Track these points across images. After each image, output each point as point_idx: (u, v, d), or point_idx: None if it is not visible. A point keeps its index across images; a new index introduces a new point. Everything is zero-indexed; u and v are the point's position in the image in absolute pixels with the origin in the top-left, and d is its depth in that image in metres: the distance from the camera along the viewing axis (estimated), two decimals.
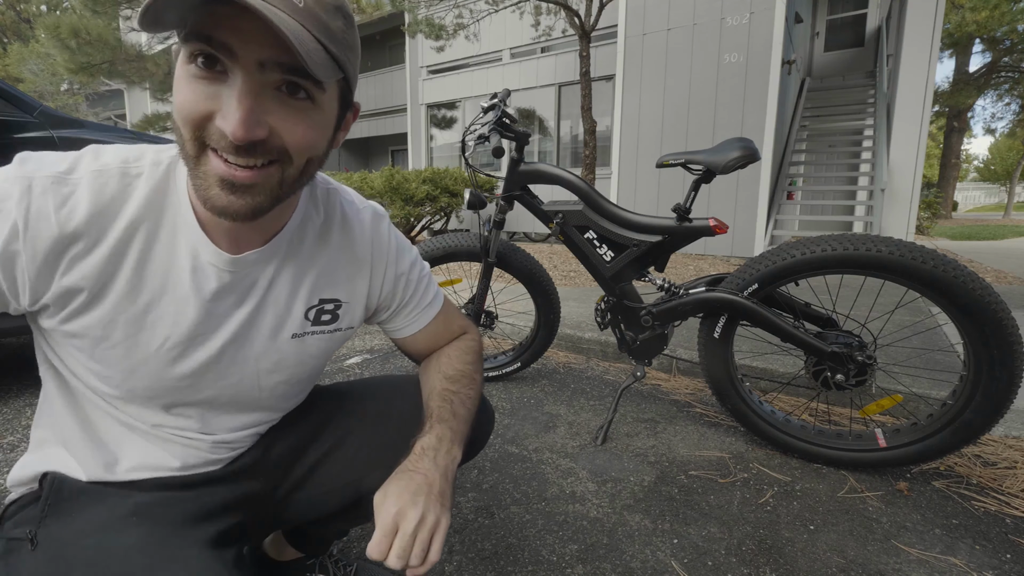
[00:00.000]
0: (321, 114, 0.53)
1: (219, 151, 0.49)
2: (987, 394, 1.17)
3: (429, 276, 0.82)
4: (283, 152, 0.51)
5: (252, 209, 0.52)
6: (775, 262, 1.32)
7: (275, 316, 0.65)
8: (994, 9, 11.92)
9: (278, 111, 0.49)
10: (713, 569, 1.00)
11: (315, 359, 0.72)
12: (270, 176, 0.51)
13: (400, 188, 5.82)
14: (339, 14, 0.51)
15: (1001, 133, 25.83)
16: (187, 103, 0.48)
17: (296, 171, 0.53)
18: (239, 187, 0.50)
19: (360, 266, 0.71)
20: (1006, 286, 3.91)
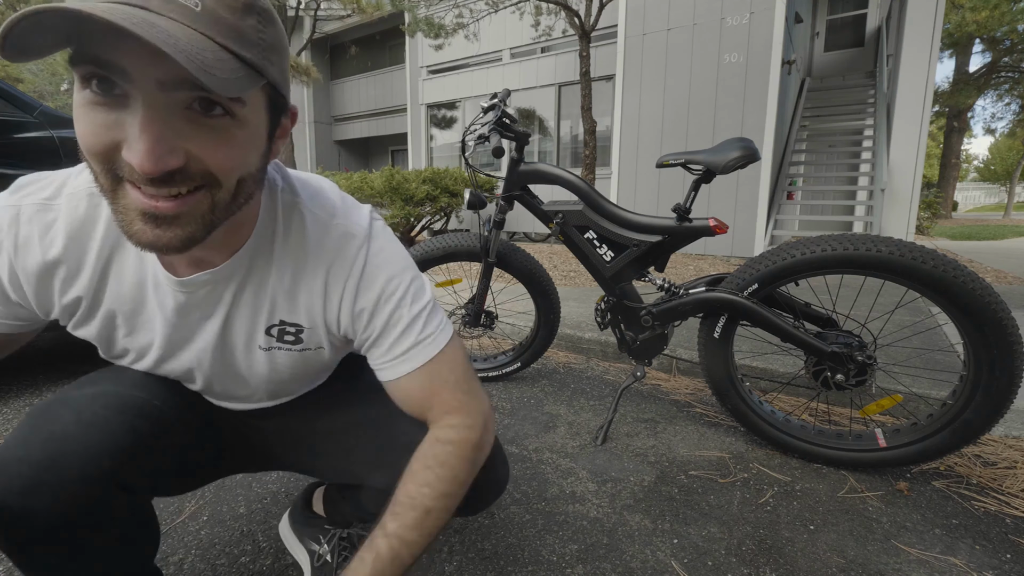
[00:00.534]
0: (245, 129, 0.46)
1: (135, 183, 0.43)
2: (987, 394, 1.17)
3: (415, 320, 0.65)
4: (208, 176, 0.45)
5: (183, 240, 0.47)
6: (775, 262, 1.32)
7: (244, 330, 0.65)
8: (994, 9, 11.91)
9: (193, 133, 0.43)
10: (713, 569, 1.00)
11: (292, 370, 0.70)
12: (198, 203, 0.46)
13: (400, 188, 5.82)
14: (251, 12, 0.44)
15: (1001, 133, 25.81)
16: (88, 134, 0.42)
17: (228, 195, 0.48)
18: (164, 219, 0.45)
19: (316, 291, 0.63)
20: (1006, 286, 3.91)
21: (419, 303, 0.66)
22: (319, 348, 0.68)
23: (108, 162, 0.43)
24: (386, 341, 0.65)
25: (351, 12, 9.03)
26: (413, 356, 0.65)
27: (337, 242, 0.63)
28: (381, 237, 0.66)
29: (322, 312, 0.65)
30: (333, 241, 0.63)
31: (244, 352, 0.67)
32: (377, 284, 0.64)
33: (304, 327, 0.66)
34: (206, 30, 0.41)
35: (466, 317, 1.96)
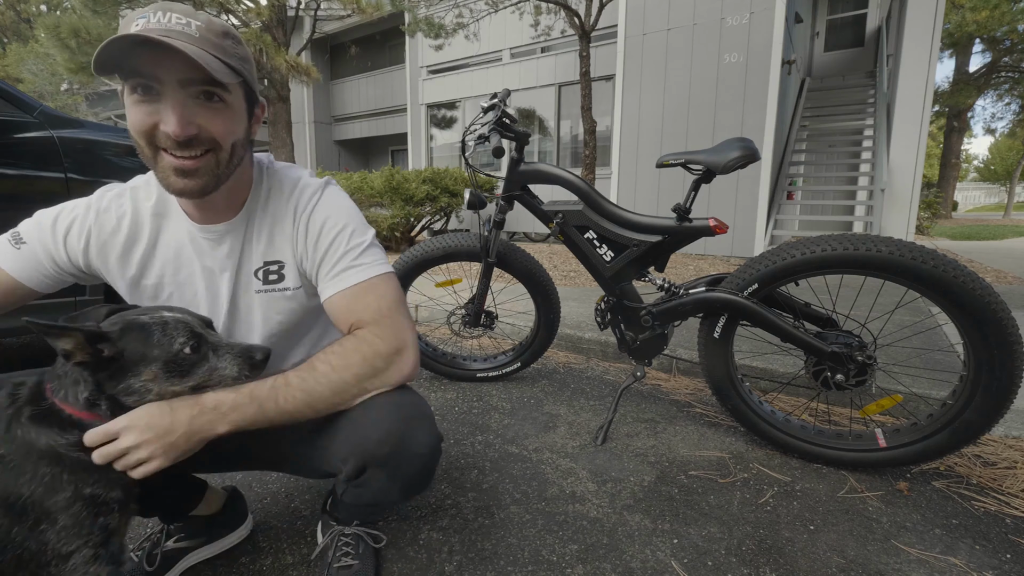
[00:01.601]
0: (231, 109, 0.74)
1: (168, 150, 0.70)
2: (987, 394, 1.17)
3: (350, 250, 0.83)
4: (213, 142, 0.72)
5: (202, 187, 0.74)
6: (775, 262, 1.32)
7: (246, 275, 0.86)
8: (994, 9, 11.90)
9: (202, 112, 0.70)
10: (713, 569, 1.00)
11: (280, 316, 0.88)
12: (208, 161, 0.73)
13: (400, 188, 5.82)
14: (227, 37, 0.72)
15: (1001, 133, 25.81)
16: (137, 121, 0.70)
17: (227, 154, 0.74)
18: (188, 172, 0.72)
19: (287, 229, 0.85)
20: (1006, 286, 3.91)
21: (356, 239, 0.84)
22: (296, 288, 0.87)
23: (150, 137, 0.70)
24: (326, 265, 0.83)
25: (351, 12, 9.02)
26: (345, 278, 0.82)
27: (300, 192, 0.86)
28: (334, 190, 0.89)
29: (292, 244, 0.85)
30: (298, 192, 0.86)
31: (244, 296, 0.87)
32: (321, 216, 0.84)
33: (283, 262, 0.86)
34: (203, 46, 0.67)
35: (466, 317, 1.96)
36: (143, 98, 0.68)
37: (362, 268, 0.82)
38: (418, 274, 1.92)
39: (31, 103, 1.70)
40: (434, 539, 1.08)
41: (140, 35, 0.63)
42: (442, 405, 1.81)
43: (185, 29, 0.67)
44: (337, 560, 0.94)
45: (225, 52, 0.70)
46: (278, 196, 0.86)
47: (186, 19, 0.68)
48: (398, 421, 0.79)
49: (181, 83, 0.68)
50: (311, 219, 0.84)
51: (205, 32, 0.69)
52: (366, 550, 0.97)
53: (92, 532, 0.64)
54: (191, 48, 0.64)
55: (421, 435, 0.81)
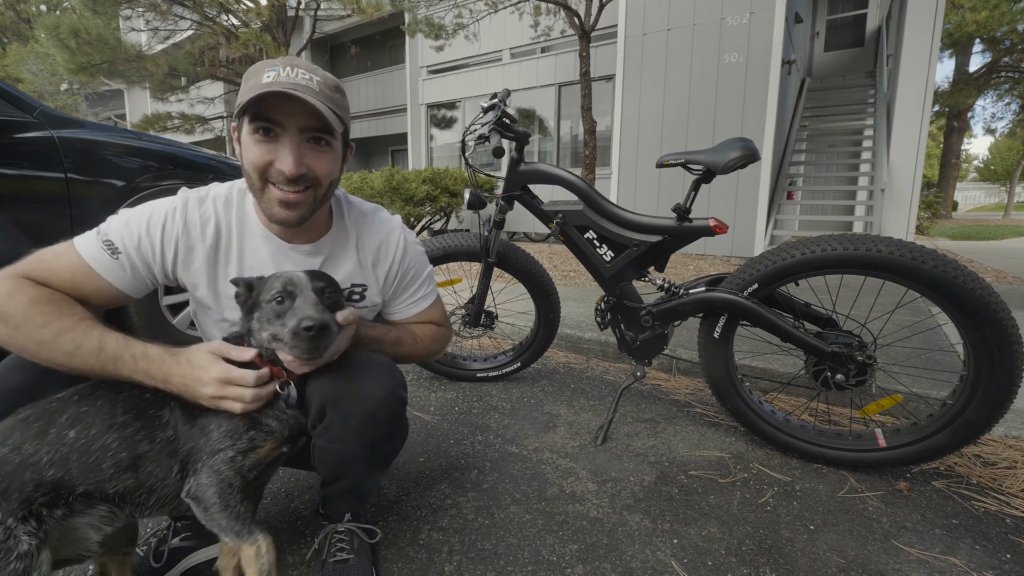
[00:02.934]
0: (334, 153, 0.87)
1: (276, 184, 0.82)
2: (987, 394, 1.17)
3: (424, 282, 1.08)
4: (315, 180, 0.84)
5: (300, 217, 0.85)
6: (775, 262, 1.32)
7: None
8: (994, 9, 11.90)
9: (311, 155, 0.83)
10: (713, 569, 1.00)
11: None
12: (308, 196, 0.84)
13: (400, 188, 5.82)
14: (338, 91, 0.85)
15: (1001, 133, 25.81)
16: (256, 157, 0.81)
17: (324, 190, 0.87)
18: (292, 204, 0.83)
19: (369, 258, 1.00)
20: (1006, 286, 3.91)
21: (425, 272, 1.09)
22: (374, 306, 1.04)
23: (263, 172, 0.82)
24: (407, 292, 1.07)
25: (351, 12, 9.03)
26: (422, 302, 1.09)
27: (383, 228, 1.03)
28: (409, 232, 1.07)
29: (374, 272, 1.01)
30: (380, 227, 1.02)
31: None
32: (409, 257, 1.05)
33: (365, 285, 1.01)
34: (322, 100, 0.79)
35: (466, 317, 1.96)
36: (264, 139, 0.80)
37: (430, 294, 1.10)
38: None
39: (31, 103, 1.70)
40: (434, 539, 1.08)
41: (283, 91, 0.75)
42: (442, 405, 1.81)
43: (309, 84, 0.79)
44: (332, 556, 0.94)
45: (337, 104, 0.82)
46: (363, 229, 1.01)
47: (309, 75, 0.80)
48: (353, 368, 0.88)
49: (300, 129, 0.80)
50: (402, 261, 1.03)
51: (323, 87, 0.81)
52: (361, 545, 0.97)
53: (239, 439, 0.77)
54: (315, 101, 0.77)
55: (373, 381, 0.88)
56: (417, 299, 1.08)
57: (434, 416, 1.71)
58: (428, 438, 1.55)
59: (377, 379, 0.89)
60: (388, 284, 1.03)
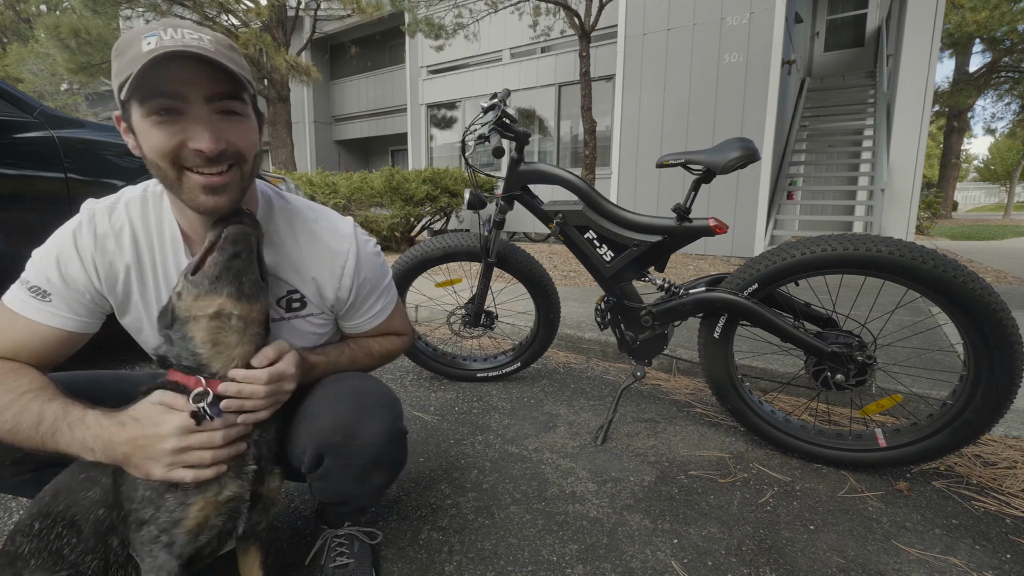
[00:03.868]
0: (249, 121, 0.73)
1: (194, 168, 0.68)
2: (987, 394, 1.17)
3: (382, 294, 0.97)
4: (239, 155, 0.71)
5: (231, 202, 0.72)
6: (775, 262, 1.32)
7: None
8: (994, 9, 11.89)
9: (228, 128, 0.69)
10: (713, 569, 1.00)
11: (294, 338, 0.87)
12: (234, 176, 0.71)
13: (400, 188, 5.81)
14: (233, 50, 0.71)
15: (1001, 133, 25.78)
16: (160, 143, 0.66)
17: (249, 166, 0.73)
18: (218, 188, 0.69)
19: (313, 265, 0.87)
20: (1006, 286, 3.91)
21: (384, 280, 0.97)
22: (320, 314, 0.90)
23: (175, 157, 0.67)
24: (364, 306, 0.95)
25: (351, 12, 9.03)
26: (379, 316, 0.98)
27: (330, 238, 0.88)
28: (361, 234, 0.93)
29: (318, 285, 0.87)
30: (326, 237, 0.88)
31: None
32: (364, 271, 0.91)
33: (304, 293, 0.87)
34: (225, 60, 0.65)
35: (466, 317, 1.96)
36: (165, 119, 0.65)
37: (389, 304, 1.00)
38: (418, 274, 1.92)
39: (31, 103, 1.70)
40: (434, 539, 1.08)
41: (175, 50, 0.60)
42: (442, 405, 1.81)
43: (200, 43, 0.64)
44: (332, 560, 0.94)
45: (239, 65, 0.69)
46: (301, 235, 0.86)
47: (197, 34, 0.66)
48: (352, 410, 0.82)
49: (207, 99, 0.66)
50: (355, 277, 0.89)
51: (217, 46, 0.66)
52: (362, 548, 0.97)
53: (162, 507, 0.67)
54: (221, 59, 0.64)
55: (374, 424, 0.82)
56: (376, 312, 0.97)
57: (434, 416, 1.71)
58: (428, 438, 1.55)
59: (378, 419, 0.82)
60: (341, 302, 0.91)
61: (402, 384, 2.02)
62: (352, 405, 0.82)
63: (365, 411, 0.82)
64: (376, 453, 0.82)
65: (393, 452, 0.86)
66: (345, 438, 0.80)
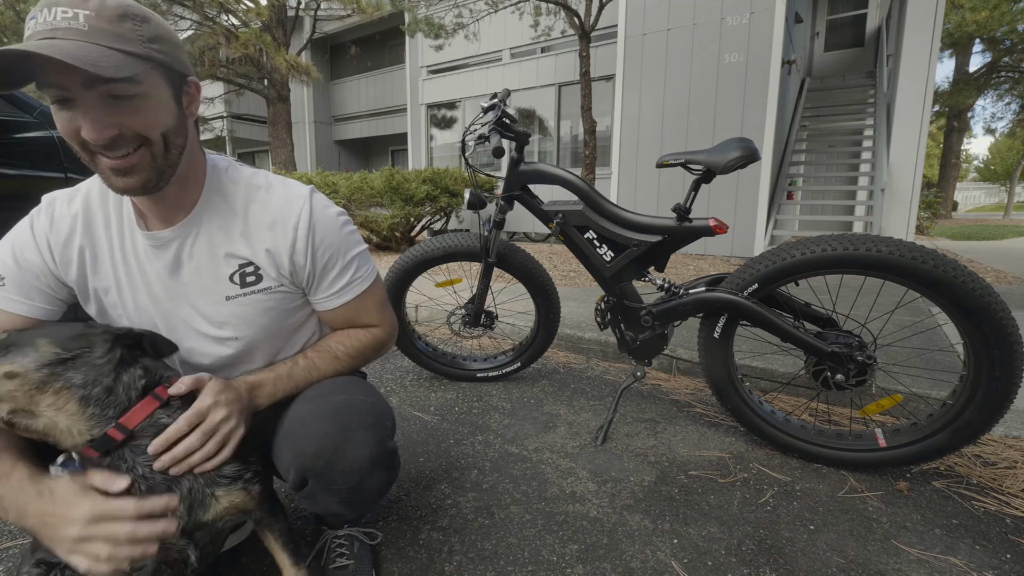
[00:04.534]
0: (150, 100, 0.67)
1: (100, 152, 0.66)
2: (987, 394, 1.17)
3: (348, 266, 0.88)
4: (140, 137, 0.67)
5: (143, 184, 0.70)
6: (775, 262, 1.32)
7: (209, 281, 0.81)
8: (994, 9, 11.89)
9: (116, 112, 0.64)
10: (713, 569, 1.00)
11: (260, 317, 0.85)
12: (142, 157, 0.68)
13: (400, 188, 5.81)
14: (126, 19, 0.64)
15: (1001, 133, 25.78)
16: (63, 129, 0.66)
17: (161, 147, 0.70)
18: (125, 171, 0.68)
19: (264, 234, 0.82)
20: (1006, 286, 3.91)
21: (352, 251, 0.88)
22: (278, 287, 0.84)
23: (80, 142, 0.66)
24: (326, 280, 0.86)
25: (351, 12, 9.03)
26: (346, 292, 0.88)
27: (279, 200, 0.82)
28: (320, 200, 0.86)
29: (271, 255, 0.82)
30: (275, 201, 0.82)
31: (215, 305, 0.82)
32: (318, 234, 0.83)
33: (260, 265, 0.82)
34: (93, 40, 0.60)
35: (466, 317, 1.96)
36: (61, 107, 0.64)
37: (359, 281, 0.90)
38: (418, 274, 1.92)
39: (31, 103, 1.70)
40: (434, 539, 1.08)
41: (19, 50, 0.57)
42: (442, 405, 1.81)
43: (72, 23, 0.60)
44: (332, 561, 0.94)
45: (123, 39, 0.62)
46: (251, 203, 0.82)
47: (72, 11, 0.60)
48: (333, 433, 0.78)
49: (85, 86, 0.62)
50: (309, 240, 0.82)
51: (96, 21, 0.61)
52: (361, 549, 0.97)
53: None
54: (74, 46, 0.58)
55: (357, 447, 0.78)
56: (341, 286, 0.87)
57: (434, 416, 1.71)
58: (428, 438, 1.55)
59: (363, 443, 0.78)
60: (299, 270, 0.83)
61: (402, 384, 2.02)
62: (334, 428, 0.78)
63: (348, 434, 0.78)
64: (360, 478, 0.80)
65: (379, 474, 0.82)
66: (327, 464, 0.77)
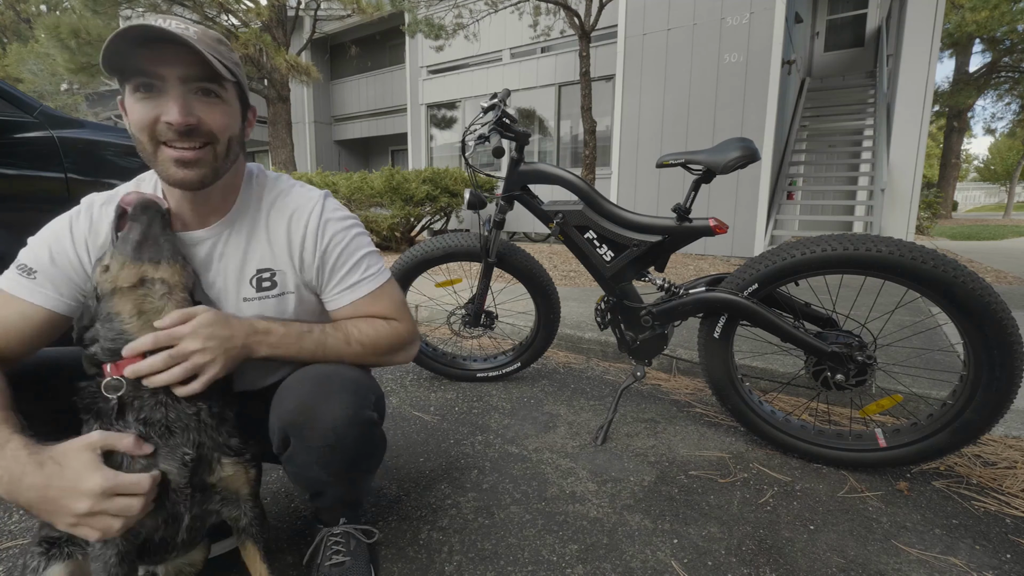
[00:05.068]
0: (228, 106, 0.77)
1: (169, 143, 0.73)
2: (987, 394, 1.17)
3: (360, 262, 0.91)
4: (211, 135, 0.75)
5: (200, 178, 0.76)
6: (775, 262, 1.32)
7: (233, 283, 0.86)
8: (994, 9, 11.90)
9: (200, 106, 0.74)
10: (713, 569, 1.00)
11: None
12: (206, 153, 0.75)
13: (400, 188, 5.81)
14: (221, 43, 0.77)
15: (1001, 133, 25.80)
16: (140, 117, 0.72)
17: (224, 148, 0.77)
18: (188, 163, 0.74)
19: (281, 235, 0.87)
20: (1006, 286, 3.91)
21: (362, 251, 0.92)
22: (290, 292, 0.89)
23: (151, 131, 0.72)
24: (335, 277, 0.90)
25: (351, 12, 9.03)
26: (358, 288, 0.91)
27: (295, 202, 0.89)
28: (333, 203, 0.92)
29: (287, 251, 0.87)
30: (292, 202, 0.89)
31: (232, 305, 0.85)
32: (329, 231, 0.88)
33: (276, 270, 0.87)
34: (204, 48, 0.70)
35: (466, 317, 1.96)
36: (146, 95, 0.71)
37: (370, 279, 0.92)
38: (418, 274, 1.92)
39: (31, 103, 1.70)
40: (434, 539, 1.08)
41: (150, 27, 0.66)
42: (442, 405, 1.81)
43: (184, 33, 0.69)
44: (328, 559, 0.94)
45: (221, 55, 0.74)
46: (272, 206, 0.88)
47: (184, 24, 0.72)
48: (315, 392, 0.80)
49: (182, 79, 0.72)
50: (319, 236, 0.87)
51: (202, 36, 0.73)
52: (358, 546, 0.97)
53: None
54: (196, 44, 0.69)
55: (334, 407, 0.79)
56: (350, 285, 0.90)
57: (434, 416, 1.71)
58: (428, 438, 1.55)
59: (339, 403, 0.80)
60: (308, 267, 0.88)
61: (402, 384, 2.02)
62: (316, 387, 0.81)
63: (328, 394, 0.80)
64: (336, 437, 0.80)
65: (356, 438, 0.82)
66: (306, 419, 0.79)
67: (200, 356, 0.71)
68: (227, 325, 0.75)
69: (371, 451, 0.89)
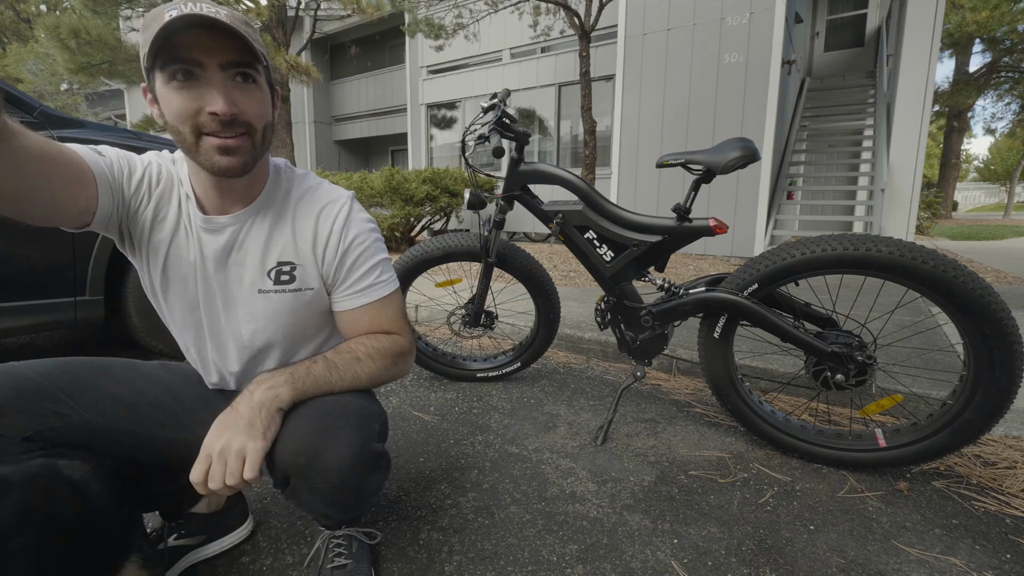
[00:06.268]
0: (262, 92, 0.78)
1: (212, 133, 0.73)
2: (987, 394, 1.17)
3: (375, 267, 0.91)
4: (249, 125, 0.76)
5: (243, 164, 0.77)
6: (775, 262, 1.32)
7: (249, 273, 0.86)
8: (994, 9, 11.89)
9: (240, 95, 0.74)
10: (713, 569, 1.00)
11: (287, 315, 0.89)
12: (246, 141, 0.76)
13: (400, 188, 5.81)
14: (248, 25, 0.75)
15: (1001, 133, 25.79)
16: (181, 106, 0.71)
17: (260, 135, 0.78)
18: (231, 150, 0.74)
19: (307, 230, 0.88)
20: (1006, 286, 3.91)
21: (378, 256, 0.92)
22: (308, 288, 0.89)
23: (193, 121, 0.72)
24: (351, 279, 0.90)
25: (351, 12, 9.02)
26: (370, 293, 0.91)
27: (325, 198, 0.90)
28: (358, 206, 0.94)
29: (312, 245, 0.88)
30: (321, 197, 0.90)
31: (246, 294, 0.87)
32: (352, 232, 0.89)
33: (297, 264, 0.88)
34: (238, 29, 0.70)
35: (466, 317, 1.96)
36: (185, 83, 0.70)
37: (382, 285, 0.92)
38: (418, 274, 1.92)
39: (31, 103, 1.70)
40: (434, 539, 1.08)
41: (201, 15, 0.66)
42: (442, 405, 1.81)
43: (217, 15, 0.69)
44: (330, 561, 0.94)
45: (253, 36, 0.74)
46: (300, 200, 0.89)
47: (215, 7, 0.70)
48: (316, 432, 0.77)
49: (221, 66, 0.71)
50: (343, 234, 0.88)
51: (233, 19, 0.71)
52: (360, 548, 0.97)
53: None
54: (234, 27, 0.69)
55: (338, 447, 0.76)
56: (363, 288, 0.90)
57: (434, 416, 1.72)
58: (428, 438, 1.55)
59: (344, 443, 0.77)
60: (328, 263, 0.88)
61: (402, 384, 2.02)
62: (317, 426, 0.77)
63: (330, 433, 0.77)
64: (340, 478, 0.77)
65: (360, 475, 0.80)
66: (308, 462, 0.76)
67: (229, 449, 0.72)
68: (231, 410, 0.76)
69: (378, 480, 0.87)
